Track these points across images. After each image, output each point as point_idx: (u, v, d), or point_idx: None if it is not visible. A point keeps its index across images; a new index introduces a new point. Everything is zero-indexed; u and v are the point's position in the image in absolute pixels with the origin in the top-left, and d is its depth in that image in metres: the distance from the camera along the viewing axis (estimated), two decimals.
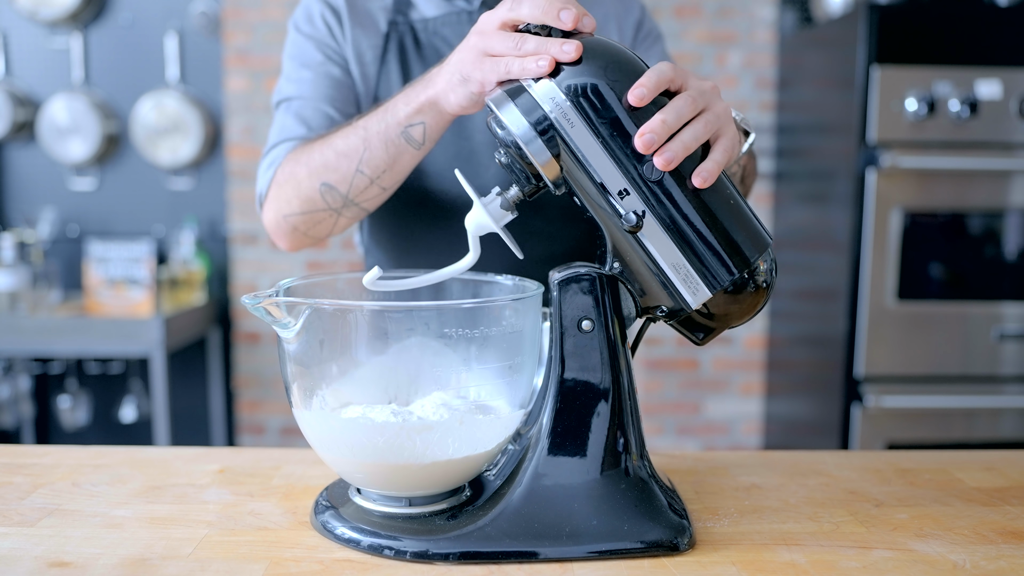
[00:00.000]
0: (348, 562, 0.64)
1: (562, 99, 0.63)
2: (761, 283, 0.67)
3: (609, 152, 0.63)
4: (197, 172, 2.80)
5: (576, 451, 0.68)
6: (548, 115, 0.63)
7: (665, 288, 0.67)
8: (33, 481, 0.80)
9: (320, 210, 0.90)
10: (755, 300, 0.68)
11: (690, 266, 0.65)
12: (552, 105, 0.63)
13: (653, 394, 2.78)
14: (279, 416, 2.79)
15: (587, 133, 0.63)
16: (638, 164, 0.63)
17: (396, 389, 0.70)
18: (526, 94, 0.64)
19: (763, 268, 0.67)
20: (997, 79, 2.01)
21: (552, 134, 0.64)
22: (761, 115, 2.69)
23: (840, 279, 2.15)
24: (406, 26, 1.01)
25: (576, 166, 0.64)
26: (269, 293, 0.67)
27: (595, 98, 0.63)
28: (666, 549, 0.66)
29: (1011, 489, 0.83)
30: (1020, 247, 2.11)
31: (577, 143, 0.64)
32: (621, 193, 0.64)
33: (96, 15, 2.73)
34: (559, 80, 0.63)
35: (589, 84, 0.63)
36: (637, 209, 0.64)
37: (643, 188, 0.64)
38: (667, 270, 0.66)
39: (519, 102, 0.64)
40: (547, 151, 0.64)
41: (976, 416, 2.13)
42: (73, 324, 2.35)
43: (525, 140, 0.64)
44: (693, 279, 0.66)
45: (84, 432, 2.82)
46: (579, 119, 0.63)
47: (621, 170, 0.64)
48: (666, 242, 0.65)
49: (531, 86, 0.64)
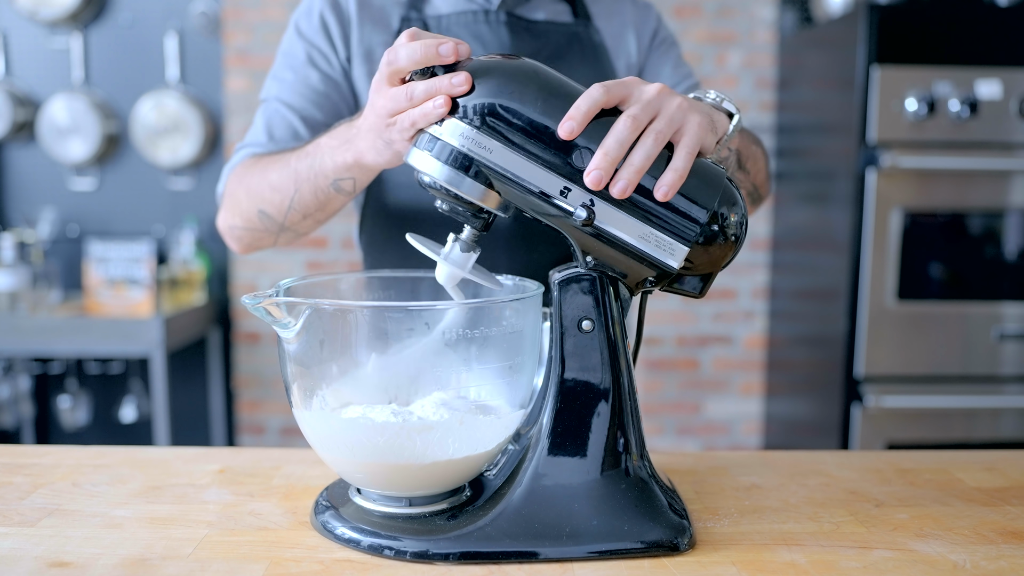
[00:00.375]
0: (348, 562, 0.64)
1: (470, 131, 0.63)
2: (733, 221, 0.66)
3: (535, 159, 0.63)
4: (197, 172, 2.80)
5: (576, 451, 0.68)
6: (463, 150, 0.64)
7: (643, 261, 0.66)
8: (33, 481, 0.80)
9: (259, 230, 0.94)
10: (728, 247, 0.66)
11: (657, 231, 0.65)
12: (463, 140, 0.63)
13: (653, 394, 2.78)
14: (279, 416, 2.79)
15: (507, 151, 0.63)
16: (568, 158, 0.63)
17: (396, 389, 0.70)
18: (436, 140, 0.65)
19: (729, 204, 0.66)
20: (997, 79, 2.01)
21: (475, 167, 0.64)
22: (761, 115, 2.69)
23: (840, 279, 2.15)
24: (419, 22, 1.00)
25: (511, 186, 0.64)
26: (269, 293, 0.67)
27: (500, 116, 0.63)
28: (666, 549, 0.66)
29: (1011, 489, 0.83)
30: (1020, 247, 2.11)
31: (502, 165, 0.64)
32: (563, 192, 0.64)
33: (96, 15, 2.73)
34: (461, 114, 0.63)
35: (489, 105, 0.63)
36: (584, 200, 0.64)
37: (582, 180, 0.63)
38: (637, 244, 0.65)
39: (433, 150, 0.65)
40: (478, 185, 0.64)
41: (976, 416, 2.13)
42: (73, 324, 2.35)
43: (453, 183, 0.64)
44: (665, 242, 0.65)
45: (84, 432, 2.82)
46: (493, 142, 0.63)
47: (554, 171, 0.64)
48: (624, 219, 0.65)
49: (437, 130, 0.64)
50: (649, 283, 0.68)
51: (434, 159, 0.64)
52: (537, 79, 0.64)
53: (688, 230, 0.65)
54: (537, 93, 0.63)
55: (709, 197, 0.65)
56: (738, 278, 2.75)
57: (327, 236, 2.72)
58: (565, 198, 0.64)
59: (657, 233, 0.65)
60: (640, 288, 0.69)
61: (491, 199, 0.65)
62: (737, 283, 2.75)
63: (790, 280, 2.57)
